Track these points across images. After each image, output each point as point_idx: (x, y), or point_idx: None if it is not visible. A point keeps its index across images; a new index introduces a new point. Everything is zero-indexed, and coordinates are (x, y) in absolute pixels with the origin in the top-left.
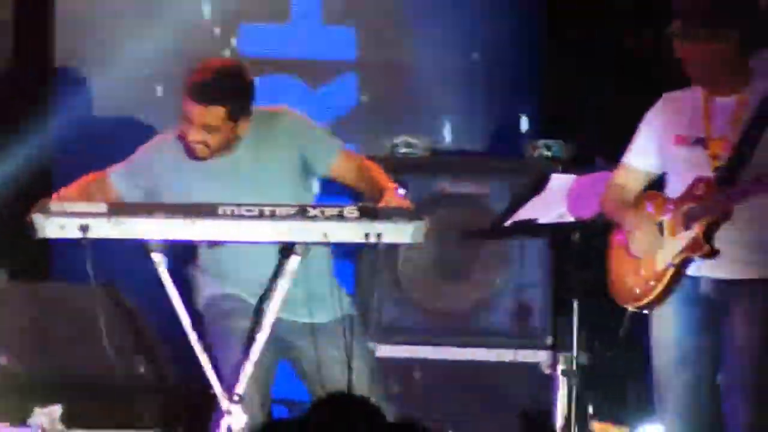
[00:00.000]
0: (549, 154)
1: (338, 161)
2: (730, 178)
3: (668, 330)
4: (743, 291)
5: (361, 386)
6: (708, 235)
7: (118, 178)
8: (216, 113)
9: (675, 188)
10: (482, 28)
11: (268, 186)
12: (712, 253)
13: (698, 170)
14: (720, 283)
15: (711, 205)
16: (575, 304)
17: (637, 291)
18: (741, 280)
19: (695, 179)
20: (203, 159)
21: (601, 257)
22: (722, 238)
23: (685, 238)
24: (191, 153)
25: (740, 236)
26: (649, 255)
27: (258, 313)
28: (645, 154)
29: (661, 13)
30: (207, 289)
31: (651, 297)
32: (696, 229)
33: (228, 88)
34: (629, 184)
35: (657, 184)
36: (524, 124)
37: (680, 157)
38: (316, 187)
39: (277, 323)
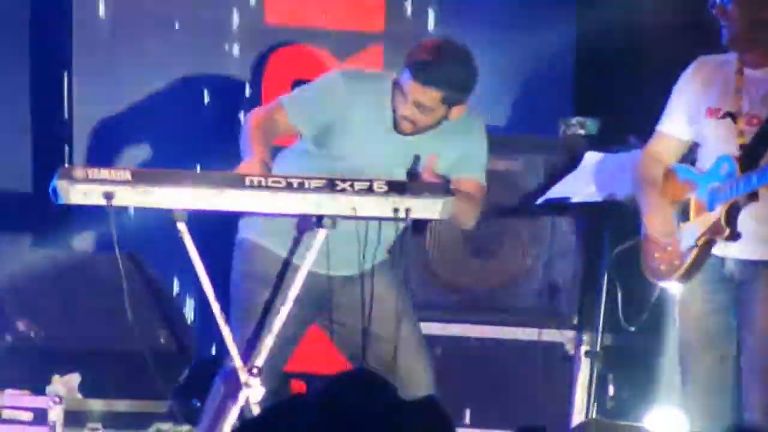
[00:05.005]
0: (582, 131)
1: (463, 184)
2: (754, 157)
3: (695, 309)
4: (765, 273)
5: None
6: (730, 217)
7: (295, 111)
8: (431, 95)
9: (705, 161)
10: (514, 3)
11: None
12: (734, 236)
13: (725, 145)
14: (745, 264)
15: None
16: (603, 285)
17: (663, 269)
18: (765, 261)
19: (719, 157)
20: (402, 133)
21: (631, 237)
22: (747, 217)
23: (708, 219)
24: (396, 123)
25: (764, 216)
26: (669, 237)
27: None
28: (677, 121)
29: None
30: (265, 238)
31: (675, 276)
32: (718, 211)
33: (450, 75)
34: (664, 151)
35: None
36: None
37: (710, 130)
38: None
39: (316, 279)
